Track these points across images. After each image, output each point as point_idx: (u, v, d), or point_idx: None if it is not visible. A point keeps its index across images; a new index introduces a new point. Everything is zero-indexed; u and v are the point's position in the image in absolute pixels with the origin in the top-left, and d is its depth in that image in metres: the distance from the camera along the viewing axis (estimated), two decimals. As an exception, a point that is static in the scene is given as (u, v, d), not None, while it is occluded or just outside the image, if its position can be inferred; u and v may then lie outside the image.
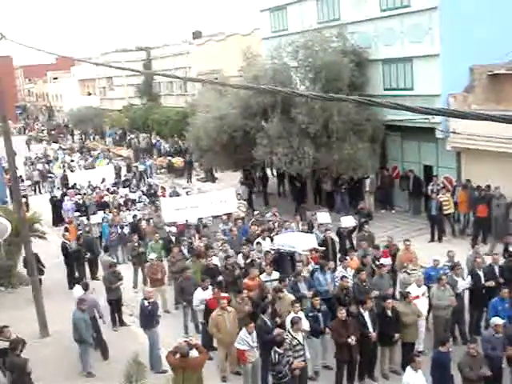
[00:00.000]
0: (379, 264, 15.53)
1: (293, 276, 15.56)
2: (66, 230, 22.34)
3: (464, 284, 14.43)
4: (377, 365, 13.27)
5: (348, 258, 16.06)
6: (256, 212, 23.95)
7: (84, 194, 29.40)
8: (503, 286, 13.62)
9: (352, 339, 12.22)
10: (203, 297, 14.52)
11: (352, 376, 12.75)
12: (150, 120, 52.07)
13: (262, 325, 12.71)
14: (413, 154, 25.35)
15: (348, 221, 20.41)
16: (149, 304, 14.27)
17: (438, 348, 11.62)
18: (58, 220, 28.81)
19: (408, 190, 25.07)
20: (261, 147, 24.46)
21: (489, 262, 15.08)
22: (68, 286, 19.50)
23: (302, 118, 23.34)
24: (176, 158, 40.81)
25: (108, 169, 36.62)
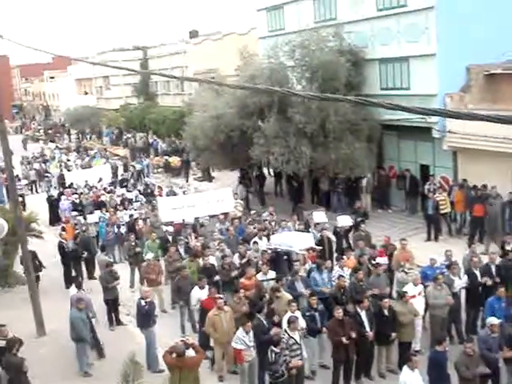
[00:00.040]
0: (376, 263, 15.56)
1: (290, 275, 15.57)
2: (63, 230, 22.33)
3: (460, 283, 14.44)
4: (374, 364, 13.29)
5: (345, 258, 16.08)
6: (253, 211, 23.96)
7: (81, 194, 29.36)
8: (499, 285, 13.66)
9: (347, 337, 12.24)
10: (200, 296, 14.53)
11: (349, 375, 12.75)
12: (147, 119, 52.02)
13: (259, 324, 12.72)
14: (409, 154, 25.37)
15: (345, 220, 20.43)
16: (146, 303, 14.25)
17: (435, 347, 11.63)
18: (55, 219, 28.75)
19: (405, 190, 25.11)
20: (258, 147, 24.46)
21: (485, 262, 15.11)
22: (65, 286, 19.48)
23: (299, 118, 23.35)
24: (173, 158, 40.76)
25: (105, 168, 36.61)
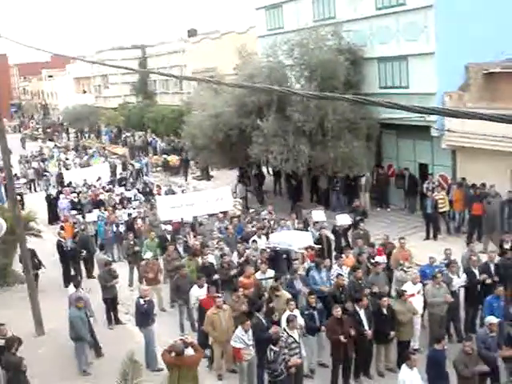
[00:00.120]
0: (374, 262, 15.56)
1: (289, 274, 15.57)
2: (62, 229, 22.30)
3: (459, 282, 14.45)
4: (372, 363, 13.30)
5: (343, 256, 16.07)
6: (251, 210, 23.96)
7: (79, 193, 29.33)
8: (498, 284, 13.66)
9: (346, 336, 12.24)
10: (199, 294, 14.53)
11: (348, 374, 12.76)
12: (146, 118, 52.00)
13: (258, 323, 12.72)
14: (408, 152, 25.38)
15: (343, 219, 20.42)
16: (144, 302, 14.25)
17: (434, 346, 11.64)
18: (54, 218, 28.72)
19: (403, 188, 25.11)
20: (256, 145, 24.46)
21: (484, 260, 15.12)
22: (63, 285, 19.47)
23: (298, 117, 23.35)
24: (171, 156, 40.74)
25: (103, 167, 36.58)
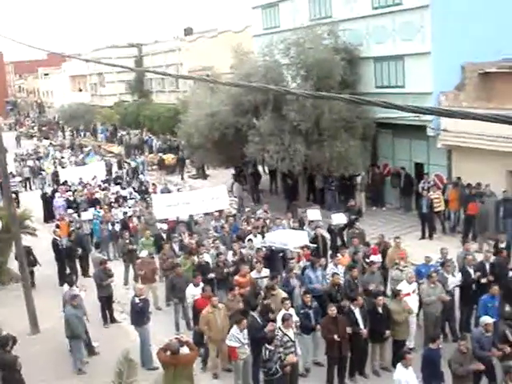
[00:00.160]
0: (370, 261, 15.58)
1: (285, 272, 15.57)
2: (57, 227, 22.27)
3: (454, 281, 14.47)
4: (367, 362, 13.31)
5: (339, 255, 16.08)
6: (247, 209, 23.95)
7: (75, 191, 29.29)
8: (493, 284, 13.68)
9: (341, 335, 12.26)
10: (195, 293, 14.53)
11: (343, 373, 12.77)
12: (142, 116, 51.93)
13: (253, 322, 12.72)
14: (404, 152, 25.40)
15: (339, 218, 20.44)
16: (140, 301, 14.23)
17: (429, 345, 11.66)
18: (49, 217, 28.67)
19: (399, 188, 25.15)
20: (252, 144, 24.47)
21: (479, 259, 15.14)
22: (59, 283, 19.43)
23: (294, 116, 23.36)
24: (167, 155, 40.71)
25: (99, 165, 36.54)
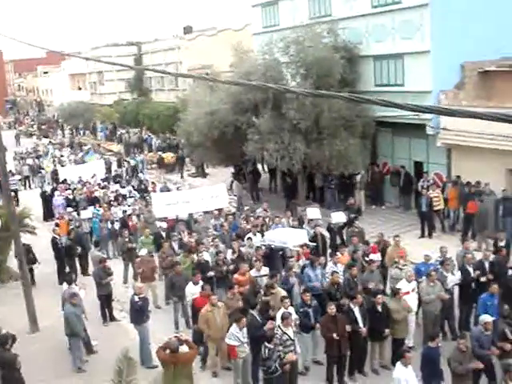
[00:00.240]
0: (369, 260, 15.58)
1: (285, 271, 15.57)
2: (57, 225, 22.26)
3: (453, 279, 14.47)
4: (367, 360, 13.31)
5: (338, 254, 16.08)
6: (246, 207, 23.94)
7: (74, 189, 29.28)
8: (492, 282, 13.68)
9: (340, 333, 12.26)
10: (195, 291, 14.53)
11: (342, 371, 12.78)
12: (141, 115, 51.91)
13: (252, 320, 12.72)
14: (403, 150, 25.39)
15: (338, 216, 20.41)
16: (139, 299, 14.24)
17: (428, 343, 11.67)
18: (49, 215, 28.66)
19: (398, 186, 25.14)
20: (252, 143, 24.45)
21: (479, 258, 15.14)
22: (58, 282, 19.44)
23: (293, 114, 23.33)
24: (167, 154, 40.69)
25: (99, 164, 36.52)
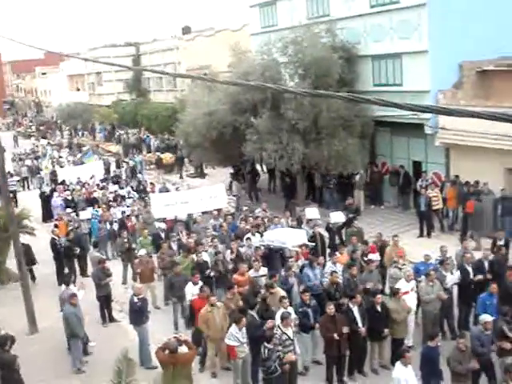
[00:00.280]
0: (368, 260, 15.58)
1: (284, 271, 15.58)
2: (56, 226, 22.24)
3: (453, 279, 14.48)
4: (366, 360, 13.31)
5: (337, 254, 16.08)
6: (245, 208, 23.94)
7: (73, 190, 29.26)
8: (491, 282, 13.69)
9: (339, 334, 12.27)
10: (194, 292, 14.52)
11: (341, 371, 12.78)
12: (140, 115, 51.90)
13: (251, 321, 12.72)
14: (402, 150, 25.41)
15: (337, 216, 20.42)
16: (138, 300, 14.24)
17: (427, 343, 11.68)
18: (48, 216, 28.63)
19: (397, 186, 25.15)
20: (250, 143, 24.44)
21: (478, 257, 15.15)
22: (57, 283, 19.43)
23: (292, 114, 23.34)
24: (165, 154, 40.67)
25: (97, 165, 36.48)
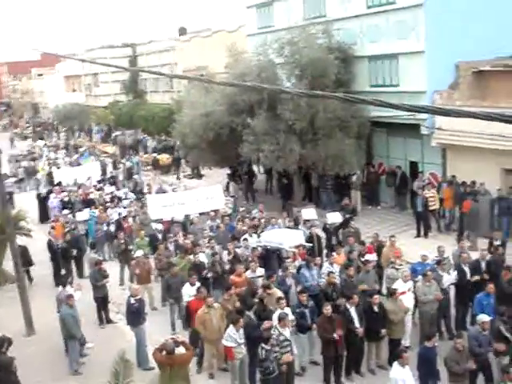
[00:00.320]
0: (365, 260, 15.59)
1: (281, 271, 15.58)
2: (53, 228, 22.22)
3: (449, 279, 14.49)
4: (363, 360, 13.32)
5: (334, 254, 16.09)
6: (242, 208, 23.94)
7: (70, 192, 29.22)
8: (488, 282, 13.70)
9: (336, 335, 12.27)
10: (191, 292, 14.51)
11: (339, 372, 12.78)
12: (136, 117, 51.84)
13: (249, 322, 12.71)
14: (398, 151, 25.43)
15: (334, 217, 20.45)
16: (135, 301, 14.23)
17: (424, 343, 11.67)
18: (45, 217, 28.60)
19: (394, 186, 25.17)
20: (247, 144, 24.44)
21: (475, 258, 15.16)
22: (54, 284, 19.40)
23: (289, 115, 23.35)
24: (162, 155, 40.64)
25: (94, 166, 36.41)
